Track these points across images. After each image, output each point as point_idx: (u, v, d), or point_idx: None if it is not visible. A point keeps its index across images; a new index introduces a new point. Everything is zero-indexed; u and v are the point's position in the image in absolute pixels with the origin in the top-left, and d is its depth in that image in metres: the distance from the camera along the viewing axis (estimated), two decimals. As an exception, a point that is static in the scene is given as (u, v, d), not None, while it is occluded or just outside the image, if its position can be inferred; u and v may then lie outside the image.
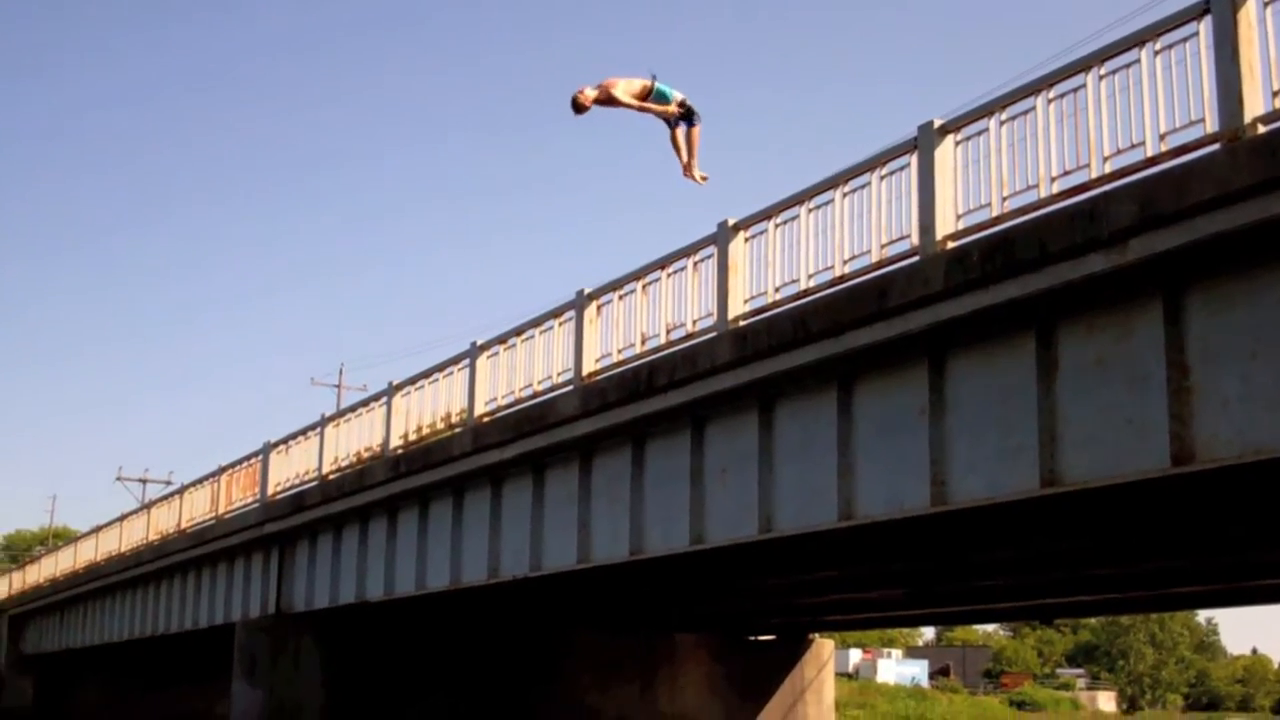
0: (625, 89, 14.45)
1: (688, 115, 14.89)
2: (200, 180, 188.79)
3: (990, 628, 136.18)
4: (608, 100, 14.44)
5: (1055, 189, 12.92)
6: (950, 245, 13.85)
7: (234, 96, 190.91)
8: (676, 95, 14.69)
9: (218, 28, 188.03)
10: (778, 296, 16.28)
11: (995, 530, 18.11)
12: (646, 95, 14.59)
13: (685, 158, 15.15)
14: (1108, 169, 12.49)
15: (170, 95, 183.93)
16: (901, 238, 14.62)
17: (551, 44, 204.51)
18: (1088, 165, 12.64)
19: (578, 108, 14.31)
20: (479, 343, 22.74)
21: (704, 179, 15.34)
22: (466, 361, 23.06)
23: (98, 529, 49.24)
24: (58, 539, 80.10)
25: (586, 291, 19.87)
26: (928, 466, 14.36)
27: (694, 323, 17.60)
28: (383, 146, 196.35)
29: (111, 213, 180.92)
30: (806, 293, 15.76)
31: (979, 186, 13.92)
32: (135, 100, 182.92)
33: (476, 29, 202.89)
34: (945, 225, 13.99)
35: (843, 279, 15.25)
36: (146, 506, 44.33)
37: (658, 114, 14.83)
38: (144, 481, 74.14)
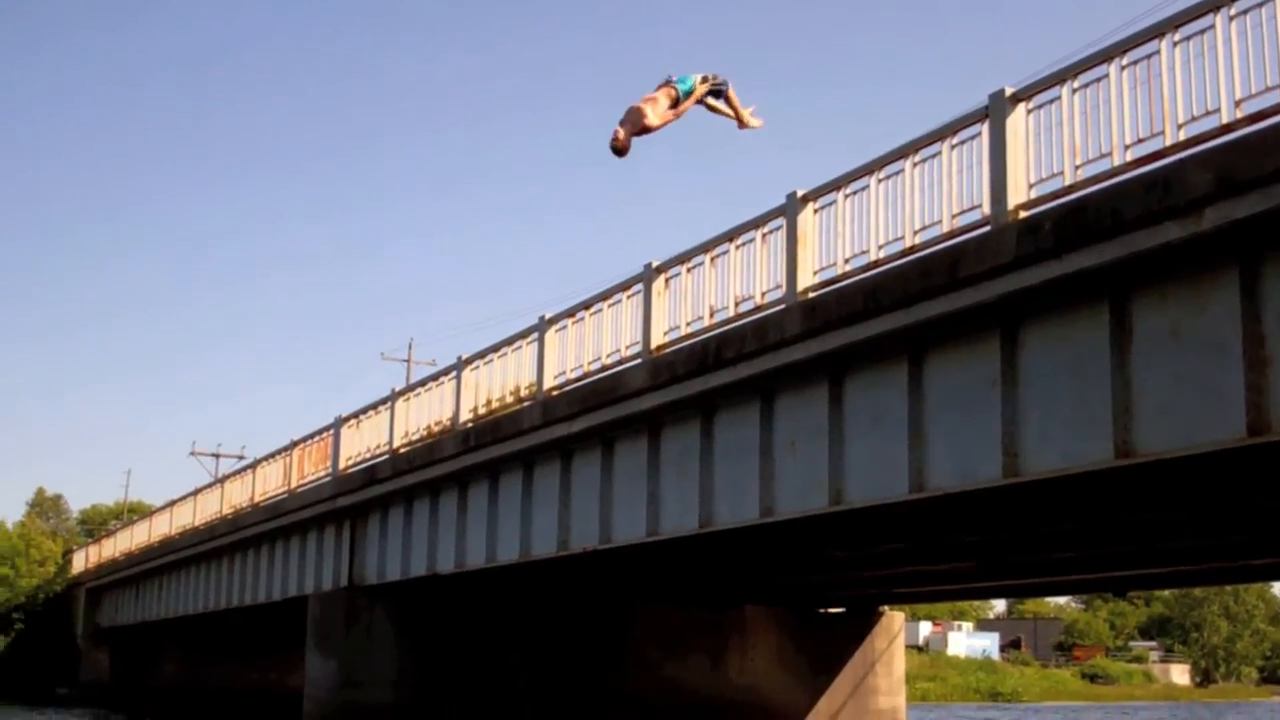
0: (654, 112, 13.68)
1: (716, 89, 14.50)
2: (269, 152, 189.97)
3: (1062, 600, 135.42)
4: (645, 131, 13.97)
5: (1129, 157, 12.77)
6: (1022, 215, 13.73)
7: (296, 60, 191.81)
8: (696, 80, 14.12)
9: None
10: (847, 268, 16.21)
11: (1068, 502, 17.98)
12: (676, 102, 13.98)
13: (734, 114, 14.65)
14: (1182, 136, 12.33)
15: (234, 57, 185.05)
16: (973, 207, 14.50)
17: (616, 15, 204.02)
18: (1162, 133, 12.48)
19: (619, 151, 13.69)
20: (547, 316, 22.80)
21: (760, 124, 14.89)
22: (535, 335, 23.13)
23: (172, 503, 49.87)
24: (133, 513, 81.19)
25: (654, 264, 19.87)
26: (1000, 438, 14.26)
27: (763, 295, 17.55)
28: (449, 119, 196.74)
29: (179, 180, 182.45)
30: (876, 264, 15.68)
31: (1051, 155, 13.78)
32: (211, 58, 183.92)
33: None
34: (1017, 194, 13.86)
35: (913, 250, 15.16)
36: (220, 481, 44.82)
37: (693, 107, 14.51)
38: (217, 456, 74.95)
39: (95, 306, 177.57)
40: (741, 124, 14.77)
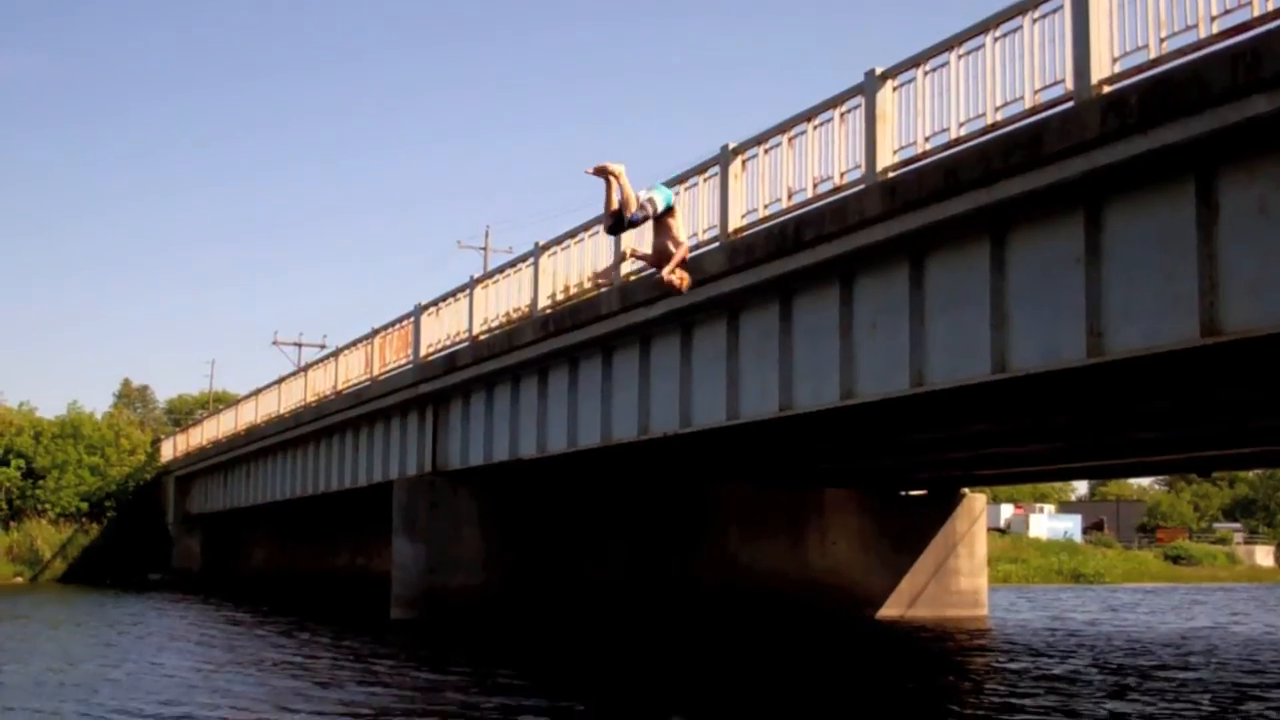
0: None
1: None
2: (344, 36, 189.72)
3: (1145, 482, 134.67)
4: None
5: (1215, 29, 12.43)
6: (1106, 90, 13.45)
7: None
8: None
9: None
10: (927, 147, 15.99)
11: (1153, 381, 17.79)
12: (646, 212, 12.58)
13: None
14: (1270, 6, 11.98)
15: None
16: (1055, 83, 14.21)
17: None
18: (1249, 3, 12.13)
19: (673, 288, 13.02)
20: (625, 201, 22.67)
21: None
22: (612, 220, 23.02)
23: (257, 392, 50.51)
24: (218, 403, 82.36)
25: (731, 146, 19.69)
26: (1083, 317, 14.11)
27: (841, 176, 17.37)
28: (525, 11, 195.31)
29: (251, 68, 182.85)
30: (957, 142, 15.45)
31: (1135, 28, 13.45)
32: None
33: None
34: (1101, 69, 13.56)
35: (995, 127, 14.91)
36: (303, 369, 45.31)
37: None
38: (299, 345, 75.62)
39: (180, 198, 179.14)
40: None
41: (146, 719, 14.62)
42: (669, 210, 12.79)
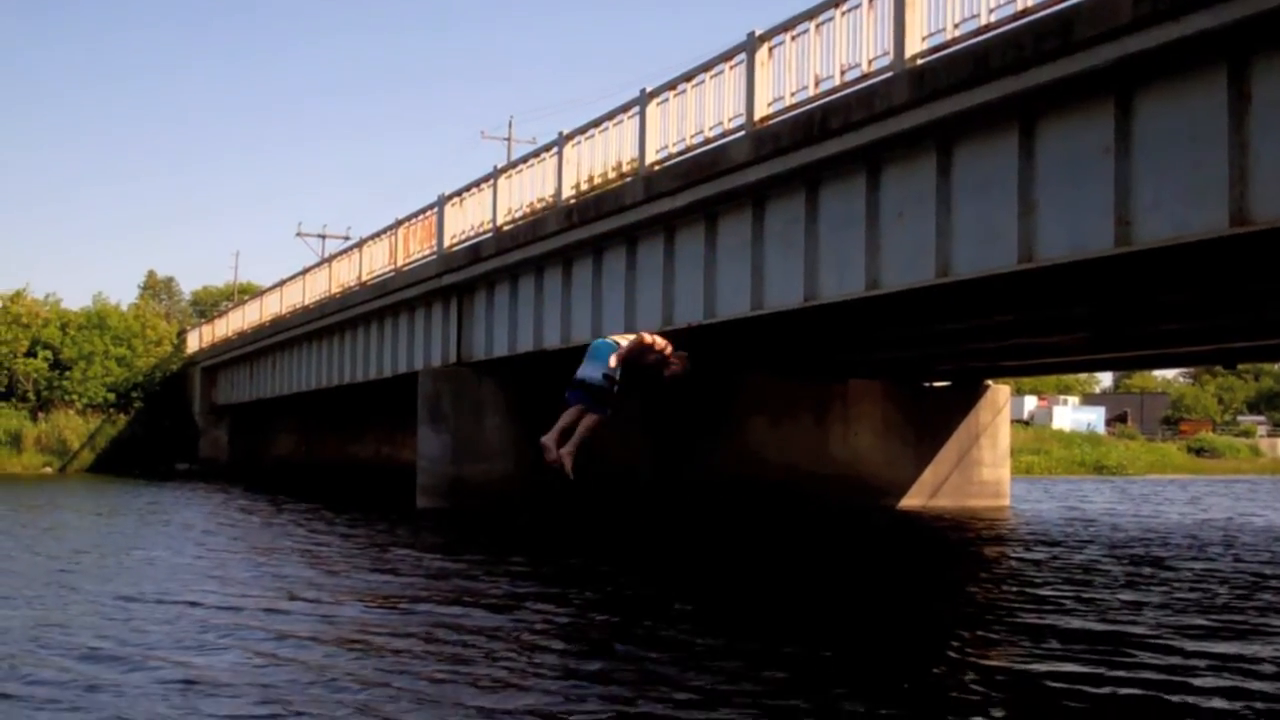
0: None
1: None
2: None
3: (1170, 374, 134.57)
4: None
5: (1254, -89, 12.21)
6: (1140, -26, 13.25)
7: None
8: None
9: None
10: (957, 33, 15.79)
11: (1180, 272, 17.72)
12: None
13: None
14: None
15: None
16: (1088, -32, 14.00)
17: None
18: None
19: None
20: (648, 89, 22.55)
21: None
22: (636, 109, 22.91)
23: (281, 283, 50.55)
24: (243, 294, 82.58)
25: (757, 33, 19.49)
26: (1112, 206, 14.02)
27: (869, 63, 17.17)
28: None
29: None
30: (987, 28, 15.26)
31: (1171, -90, 13.22)
32: None
33: None
34: (1135, -47, 13.36)
35: (1025, 12, 14.70)
36: (327, 260, 45.31)
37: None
38: (323, 237, 75.70)
39: (200, 89, 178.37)
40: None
41: (151, 605, 14.76)
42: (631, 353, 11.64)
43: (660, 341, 11.92)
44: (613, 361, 11.86)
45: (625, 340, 11.90)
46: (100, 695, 9.58)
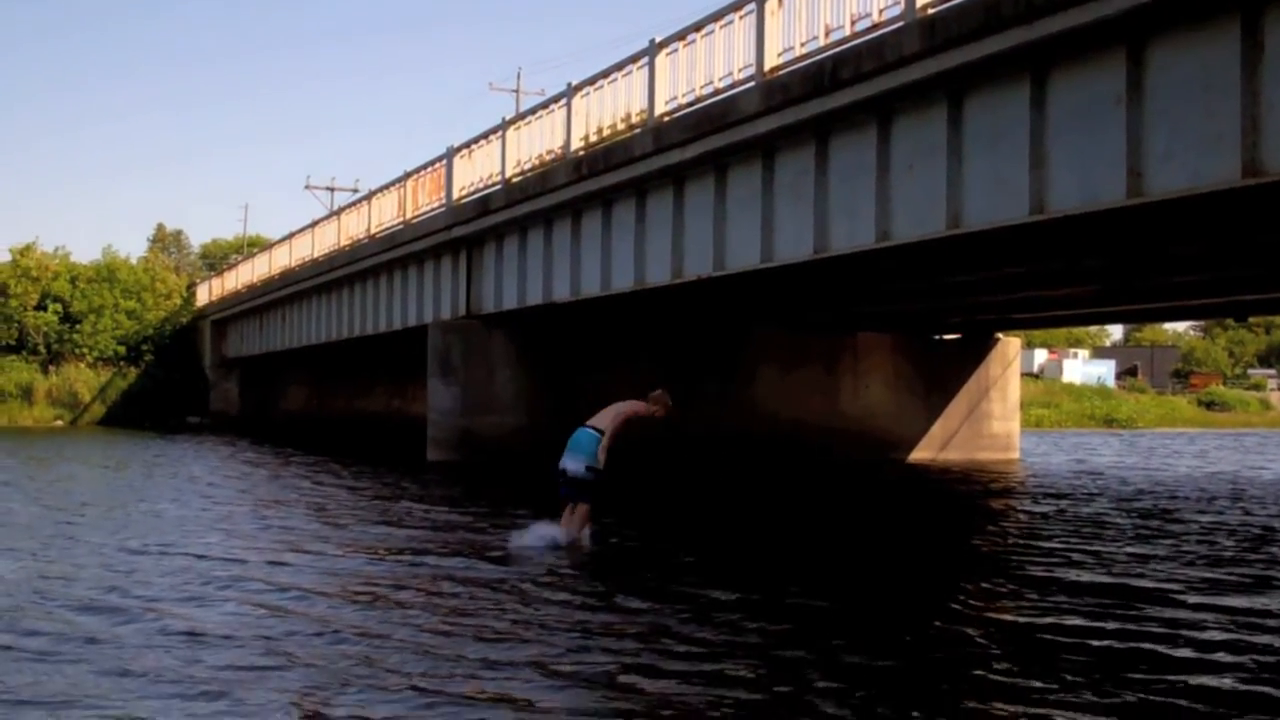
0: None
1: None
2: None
3: (1180, 328, 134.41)
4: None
5: None
6: (1154, -79, 13.10)
7: None
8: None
9: None
10: (968, -18, 15.65)
11: (1192, 223, 17.62)
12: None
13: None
14: None
15: None
16: (1101, -85, 13.83)
17: None
18: None
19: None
20: (658, 40, 22.40)
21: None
22: (645, 60, 22.77)
23: (291, 235, 50.54)
24: (252, 247, 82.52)
25: (768, -17, 19.33)
26: (1123, 157, 13.93)
27: (880, 12, 17.05)
28: None
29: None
30: (998, -23, 15.11)
31: None
32: None
33: None
34: (1148, -101, 13.20)
35: (1037, -39, 14.56)
36: (336, 213, 45.25)
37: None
38: (332, 190, 75.60)
39: (210, 40, 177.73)
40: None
41: (156, 557, 14.74)
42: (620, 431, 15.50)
43: (643, 408, 15.56)
44: (601, 456, 14.98)
45: (607, 421, 15.27)
46: (103, 647, 9.57)
